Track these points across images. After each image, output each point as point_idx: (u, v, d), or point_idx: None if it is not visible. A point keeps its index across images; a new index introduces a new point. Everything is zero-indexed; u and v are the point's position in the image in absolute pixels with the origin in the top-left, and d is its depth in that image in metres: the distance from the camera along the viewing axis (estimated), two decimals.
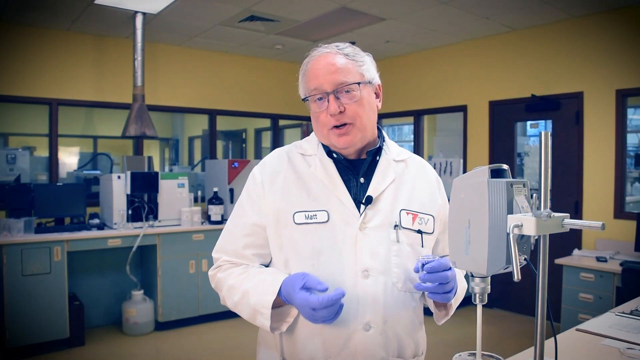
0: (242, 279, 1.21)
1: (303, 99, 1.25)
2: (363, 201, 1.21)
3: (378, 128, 1.31)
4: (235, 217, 1.29)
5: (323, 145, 1.27)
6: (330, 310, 1.07)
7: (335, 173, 1.23)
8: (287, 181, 1.24)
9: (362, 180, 1.24)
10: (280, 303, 1.17)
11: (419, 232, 1.23)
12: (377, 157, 1.27)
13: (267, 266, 1.28)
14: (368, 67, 1.23)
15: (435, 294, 1.12)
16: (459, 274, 1.32)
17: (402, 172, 1.28)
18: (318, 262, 1.17)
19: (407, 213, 1.23)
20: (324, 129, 1.21)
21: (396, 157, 1.30)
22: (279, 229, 1.21)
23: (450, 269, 1.11)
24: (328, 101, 1.18)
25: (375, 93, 1.26)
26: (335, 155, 1.25)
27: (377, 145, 1.28)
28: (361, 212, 1.20)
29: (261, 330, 1.31)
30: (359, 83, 1.19)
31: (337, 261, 1.17)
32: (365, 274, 1.17)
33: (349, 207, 1.20)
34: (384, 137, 1.31)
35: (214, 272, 1.29)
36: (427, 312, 1.31)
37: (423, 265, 1.11)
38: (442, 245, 1.32)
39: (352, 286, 1.16)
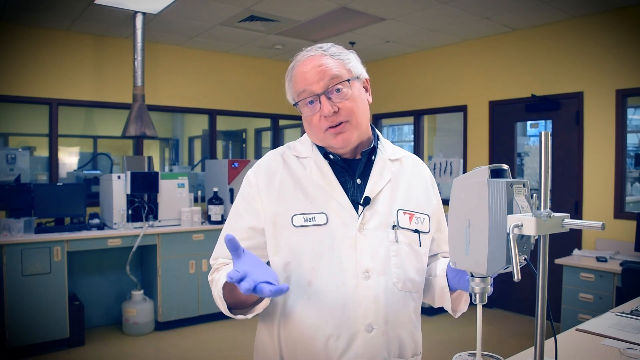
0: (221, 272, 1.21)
1: (293, 105, 1.23)
2: (361, 202, 1.20)
3: (371, 127, 1.30)
4: (231, 223, 1.27)
5: (318, 146, 1.26)
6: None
7: (332, 175, 1.22)
8: (284, 184, 1.23)
9: (358, 181, 1.23)
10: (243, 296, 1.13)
11: (416, 231, 1.23)
12: (373, 157, 1.26)
13: None
14: (354, 64, 1.22)
15: None
16: None
17: (398, 172, 1.27)
18: (319, 265, 1.16)
19: (404, 213, 1.22)
20: (319, 132, 1.20)
21: (391, 156, 1.29)
22: (276, 232, 1.20)
23: None
24: (320, 103, 1.16)
25: (364, 87, 1.25)
26: (331, 157, 1.24)
27: (372, 145, 1.26)
28: (359, 213, 1.19)
29: (258, 333, 1.29)
30: (348, 80, 1.18)
31: (337, 263, 1.16)
32: (366, 275, 1.16)
33: (347, 208, 1.19)
34: (378, 136, 1.30)
35: (212, 277, 1.27)
36: (423, 311, 1.30)
37: None
38: (437, 243, 1.31)
39: (354, 288, 1.15)
